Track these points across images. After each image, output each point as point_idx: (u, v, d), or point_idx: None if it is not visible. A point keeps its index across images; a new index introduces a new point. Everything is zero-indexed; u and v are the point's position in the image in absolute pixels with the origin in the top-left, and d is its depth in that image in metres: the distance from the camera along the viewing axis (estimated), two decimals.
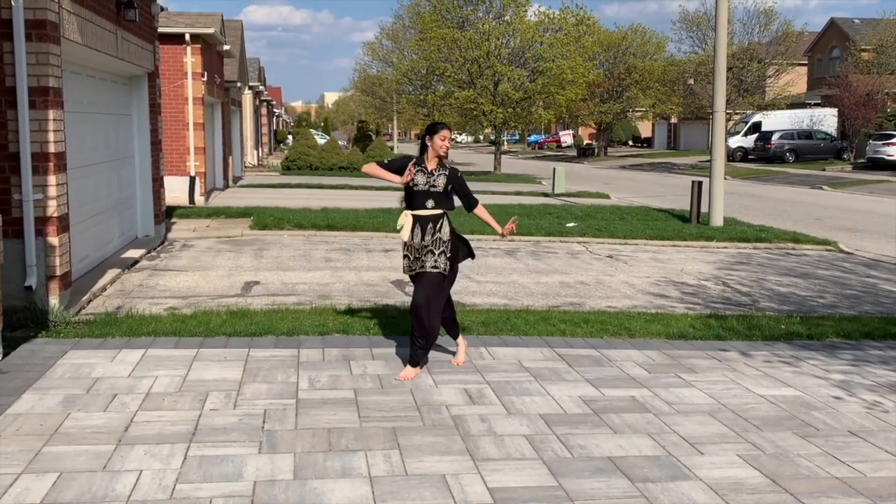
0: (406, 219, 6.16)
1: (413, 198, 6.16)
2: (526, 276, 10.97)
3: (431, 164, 6.20)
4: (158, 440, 4.79)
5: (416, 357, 6.19)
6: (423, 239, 6.12)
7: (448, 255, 6.18)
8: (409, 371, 6.15)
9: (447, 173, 6.20)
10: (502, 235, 6.46)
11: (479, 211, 6.41)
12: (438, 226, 6.16)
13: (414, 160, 6.21)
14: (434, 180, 6.15)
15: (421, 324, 6.09)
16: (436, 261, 6.11)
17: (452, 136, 6.80)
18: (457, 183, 6.26)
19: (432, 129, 6.22)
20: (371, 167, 6.26)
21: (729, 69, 32.32)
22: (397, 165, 6.20)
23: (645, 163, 49.49)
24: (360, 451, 4.71)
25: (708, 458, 4.79)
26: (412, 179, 6.12)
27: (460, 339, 6.57)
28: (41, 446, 4.66)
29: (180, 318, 7.72)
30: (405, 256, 6.24)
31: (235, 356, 6.52)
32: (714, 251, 14.00)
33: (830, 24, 55.92)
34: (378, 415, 5.32)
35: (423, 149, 6.27)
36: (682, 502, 4.20)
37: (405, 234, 6.14)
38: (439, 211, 6.17)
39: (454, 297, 9.39)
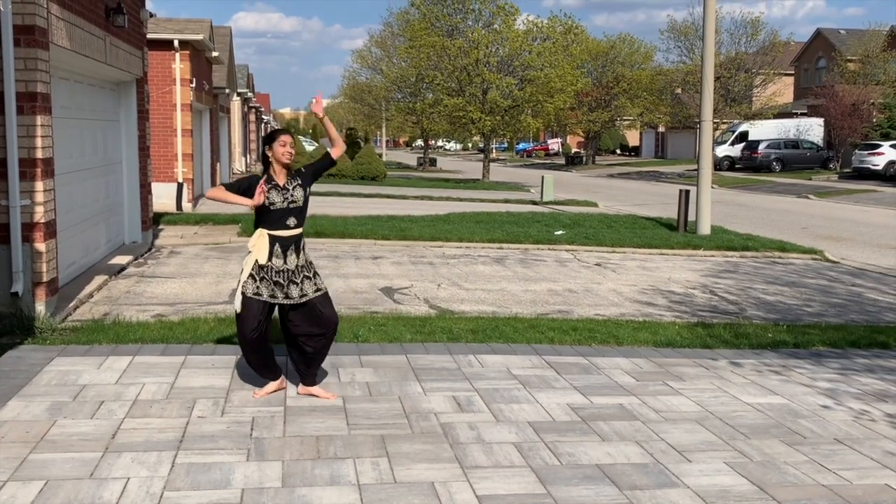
0: (262, 239, 5.49)
1: (270, 217, 5.48)
2: (514, 284, 10.99)
3: (282, 178, 5.55)
4: (146, 448, 4.77)
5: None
6: (285, 261, 5.51)
7: (318, 275, 5.71)
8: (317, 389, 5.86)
9: (300, 182, 5.58)
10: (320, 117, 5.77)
11: (335, 152, 5.78)
12: (301, 245, 5.61)
13: (264, 177, 5.54)
14: (291, 194, 5.51)
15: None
16: (316, 284, 5.64)
17: (440, 144, 6.56)
18: (312, 172, 5.70)
19: (270, 138, 5.58)
20: (216, 191, 5.49)
21: (716, 79, 32.51)
22: (244, 186, 5.51)
23: (633, 171, 49.68)
24: (348, 459, 4.71)
25: (695, 465, 4.80)
26: (267, 199, 5.45)
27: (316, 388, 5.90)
28: (27, 454, 4.63)
29: (168, 325, 7.69)
30: (262, 279, 5.49)
31: (223, 363, 6.50)
32: (701, 259, 14.06)
33: (817, 35, 56.37)
34: (367, 422, 5.32)
35: (267, 163, 5.59)
36: None
37: (262, 257, 5.47)
38: (300, 230, 5.59)
39: (444, 305, 9.43)
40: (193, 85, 19.33)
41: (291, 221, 5.54)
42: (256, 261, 5.50)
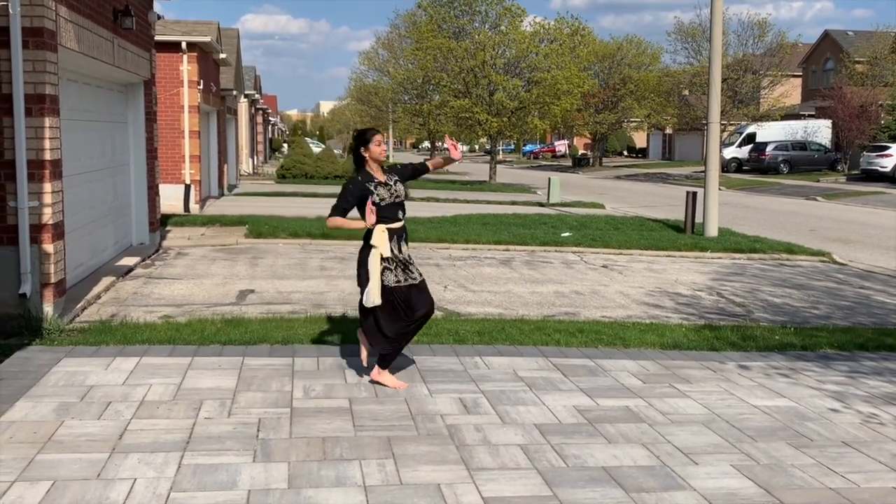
0: (383, 235, 5.84)
1: (381, 213, 5.83)
2: (521, 286, 10.98)
3: (380, 175, 5.91)
4: (153, 448, 4.78)
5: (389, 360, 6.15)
6: (401, 250, 5.93)
7: None
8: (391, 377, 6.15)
9: (397, 177, 5.96)
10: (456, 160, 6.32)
11: (433, 163, 6.34)
12: (407, 235, 6.05)
13: (359, 179, 5.85)
14: (395, 189, 5.90)
15: (420, 327, 6.10)
16: (419, 271, 6.09)
17: (447, 146, 6.64)
18: (410, 173, 6.12)
19: (364, 138, 5.90)
20: (336, 221, 5.84)
21: (723, 80, 32.45)
22: (353, 201, 5.84)
23: (640, 173, 49.61)
24: (354, 461, 4.71)
25: (702, 468, 4.79)
26: (378, 196, 5.81)
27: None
28: (35, 454, 4.65)
29: (175, 326, 7.70)
30: (388, 269, 5.87)
31: (230, 364, 6.51)
32: (708, 262, 14.03)
33: (825, 36, 56.22)
34: (373, 424, 5.32)
35: (362, 161, 5.91)
36: None
37: (385, 251, 5.82)
38: (404, 221, 6.01)
39: (450, 307, 9.43)
40: (201, 87, 19.39)
41: (400, 213, 5.95)
42: (382, 255, 5.82)
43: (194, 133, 19.24)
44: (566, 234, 16.15)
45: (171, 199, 18.48)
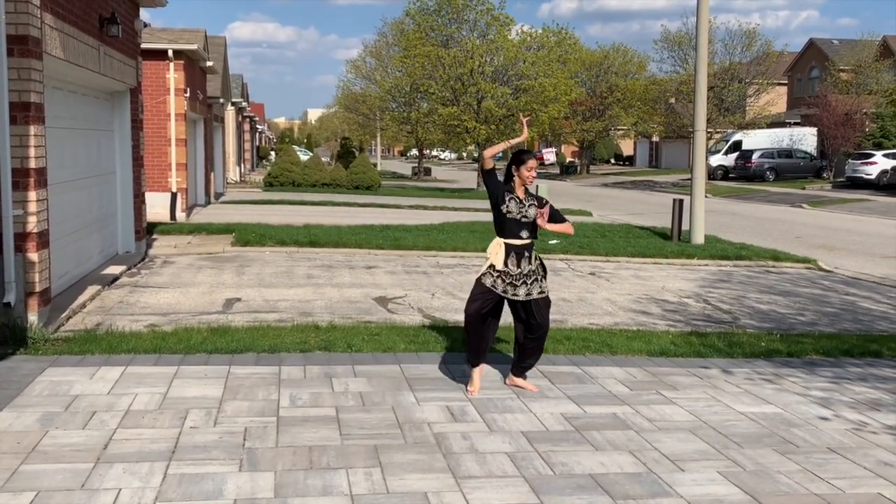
0: (499, 248, 6.12)
1: (505, 225, 6.13)
2: None
3: (521, 193, 6.18)
4: (138, 458, 4.75)
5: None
6: (519, 266, 6.11)
7: (545, 278, 6.31)
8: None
9: (535, 203, 6.16)
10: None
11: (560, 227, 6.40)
12: (533, 255, 6.20)
13: (506, 186, 6.18)
14: (526, 210, 6.12)
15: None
16: (541, 287, 6.20)
17: (435, 153, 6.73)
18: (546, 209, 6.23)
19: (519, 160, 6.18)
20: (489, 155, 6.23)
21: (710, 88, 32.61)
22: (494, 183, 6.18)
23: (627, 181, 49.79)
24: (341, 469, 4.69)
25: (689, 475, 4.80)
26: (506, 206, 6.09)
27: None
28: (18, 465, 4.61)
29: (160, 335, 7.67)
30: (499, 277, 6.10)
31: (216, 373, 6.49)
32: (695, 269, 14.08)
33: (810, 45, 56.66)
34: (360, 432, 5.31)
35: (510, 177, 6.22)
36: None
37: (499, 263, 6.08)
38: (531, 241, 6.18)
39: (438, 315, 9.43)
40: (188, 95, 19.34)
41: (524, 233, 6.15)
42: (493, 265, 6.11)
43: (181, 141, 19.18)
44: (554, 241, 16.17)
45: (157, 207, 18.40)
